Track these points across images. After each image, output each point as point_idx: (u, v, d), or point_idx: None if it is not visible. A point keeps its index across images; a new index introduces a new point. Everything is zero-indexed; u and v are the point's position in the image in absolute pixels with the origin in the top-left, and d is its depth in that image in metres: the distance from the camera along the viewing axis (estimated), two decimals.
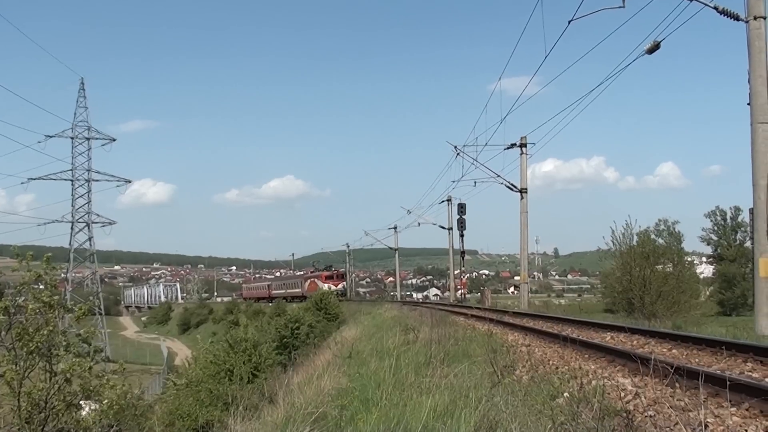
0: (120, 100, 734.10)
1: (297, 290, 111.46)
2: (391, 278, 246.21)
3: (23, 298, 17.12)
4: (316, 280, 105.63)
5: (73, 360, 17.39)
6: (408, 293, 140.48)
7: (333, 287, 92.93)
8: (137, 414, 25.46)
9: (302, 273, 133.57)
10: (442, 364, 13.66)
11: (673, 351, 14.80)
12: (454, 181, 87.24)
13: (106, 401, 18.45)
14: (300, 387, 16.13)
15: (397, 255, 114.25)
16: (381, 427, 8.85)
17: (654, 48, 21.45)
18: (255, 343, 31.92)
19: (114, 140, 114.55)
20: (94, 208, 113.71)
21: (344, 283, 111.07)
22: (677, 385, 9.70)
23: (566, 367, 13.08)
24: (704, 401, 8.37)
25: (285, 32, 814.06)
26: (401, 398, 10.50)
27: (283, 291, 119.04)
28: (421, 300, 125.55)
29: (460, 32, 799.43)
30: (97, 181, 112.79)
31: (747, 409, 8.52)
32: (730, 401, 8.78)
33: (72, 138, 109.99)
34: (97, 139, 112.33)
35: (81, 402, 18.75)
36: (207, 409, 25.76)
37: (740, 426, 7.85)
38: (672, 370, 10.15)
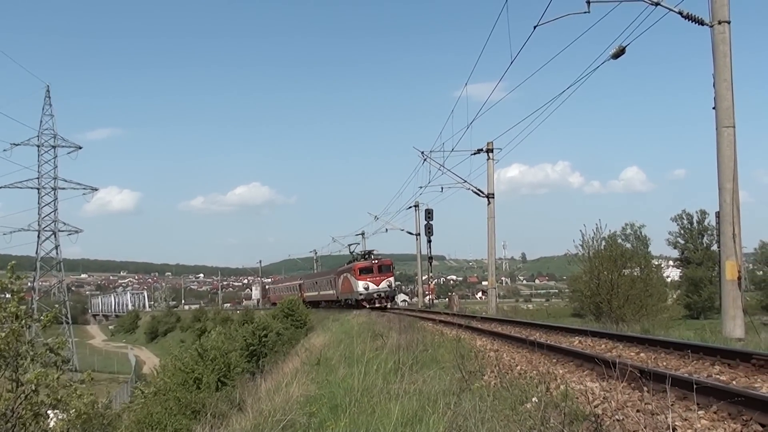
0: (86, 108, 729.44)
1: (330, 292, 78.19)
2: None
3: None
4: (348, 275, 68.51)
5: (40, 370, 17.22)
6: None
7: (372, 286, 62.77)
8: (105, 423, 25.28)
9: (343, 267, 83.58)
10: (411, 370, 13.63)
11: (641, 355, 14.85)
12: (421, 187, 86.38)
13: (73, 411, 18.28)
14: (268, 394, 16.06)
15: None
16: None
17: (619, 53, 21.56)
18: (224, 351, 31.80)
19: (80, 148, 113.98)
20: (60, 216, 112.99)
21: (391, 279, 65.52)
22: (645, 388, 9.72)
23: (534, 372, 13.08)
24: (672, 405, 8.39)
25: (251, 41, 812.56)
26: (370, 405, 10.46)
27: (316, 293, 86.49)
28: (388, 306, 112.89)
29: (426, 39, 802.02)
30: (63, 189, 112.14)
31: (715, 412, 8.55)
32: (698, 404, 8.80)
33: (38, 146, 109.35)
34: (63, 147, 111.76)
35: (48, 412, 18.57)
36: (175, 417, 25.58)
37: (708, 429, 7.87)
38: (639, 374, 10.18)
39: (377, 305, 60.38)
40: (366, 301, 61.99)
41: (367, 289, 62.37)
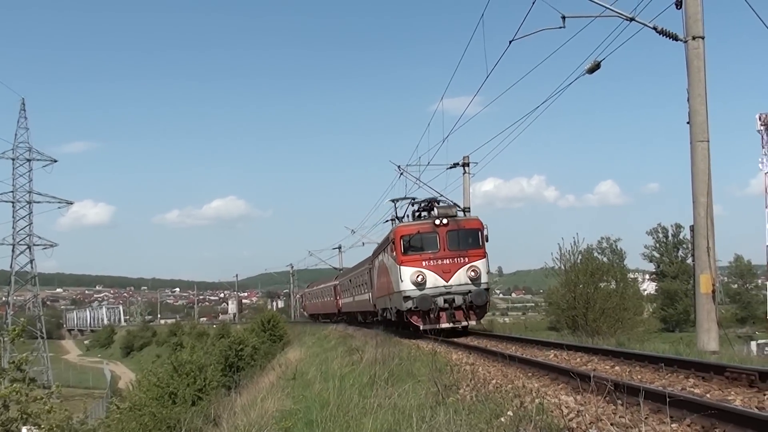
0: (61, 121, 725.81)
1: (365, 296, 48.50)
2: None
3: None
4: (385, 258, 35.50)
5: (10, 386, 17.11)
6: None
7: (434, 279, 29.91)
8: None
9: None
10: (387, 384, 13.62)
11: (616, 368, 14.88)
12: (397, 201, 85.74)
13: (44, 426, 18.17)
14: (244, 409, 16.02)
15: None
16: None
17: (594, 68, 21.64)
18: (200, 365, 31.68)
19: (55, 161, 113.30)
20: (35, 230, 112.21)
21: (480, 264, 30.31)
22: (619, 401, 9.75)
23: (510, 386, 13.09)
24: (645, 418, 8.42)
25: (227, 55, 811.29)
26: (345, 420, 10.45)
27: (351, 299, 58.67)
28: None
29: (402, 53, 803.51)
30: (38, 202, 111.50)
31: (688, 425, 8.57)
32: (672, 417, 8.83)
33: (13, 159, 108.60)
34: (38, 160, 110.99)
35: (21, 427, 18.44)
36: None
37: None
38: (614, 387, 10.21)
39: (449, 325, 29.48)
40: (421, 315, 29.45)
41: (422, 285, 29.61)
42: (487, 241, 31.04)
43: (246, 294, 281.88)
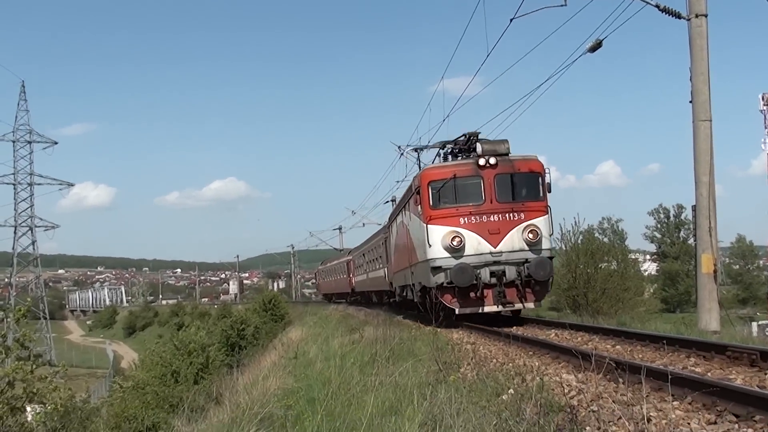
0: (61, 104, 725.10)
1: (380, 272, 42.78)
2: None
3: None
4: (406, 217, 27.64)
5: (15, 364, 17.19)
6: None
7: (477, 242, 22.32)
8: (83, 417, 25.21)
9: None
10: (388, 362, 13.66)
11: (617, 347, 14.93)
12: (398, 182, 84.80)
13: (49, 404, 18.25)
14: (246, 388, 16.07)
15: None
16: (326, 426, 8.81)
17: (596, 46, 21.48)
18: (202, 344, 31.76)
19: (56, 143, 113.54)
20: (36, 211, 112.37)
21: (540, 222, 22.60)
22: (620, 380, 9.76)
23: (511, 364, 13.13)
24: (647, 396, 8.43)
25: (227, 36, 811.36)
26: (347, 397, 10.47)
27: (365, 276, 52.24)
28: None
29: (402, 33, 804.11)
30: (39, 184, 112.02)
31: (690, 403, 8.60)
32: (673, 395, 8.85)
33: (13, 141, 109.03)
34: (38, 142, 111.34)
35: (25, 406, 18.53)
36: (153, 411, 25.52)
37: (683, 419, 7.92)
38: (615, 366, 10.23)
39: (497, 308, 22.76)
40: (458, 293, 22.39)
41: (458, 251, 22.49)
42: (549, 191, 23.31)
43: (247, 275, 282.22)
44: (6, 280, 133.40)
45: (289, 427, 9.64)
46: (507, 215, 22.37)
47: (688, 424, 7.69)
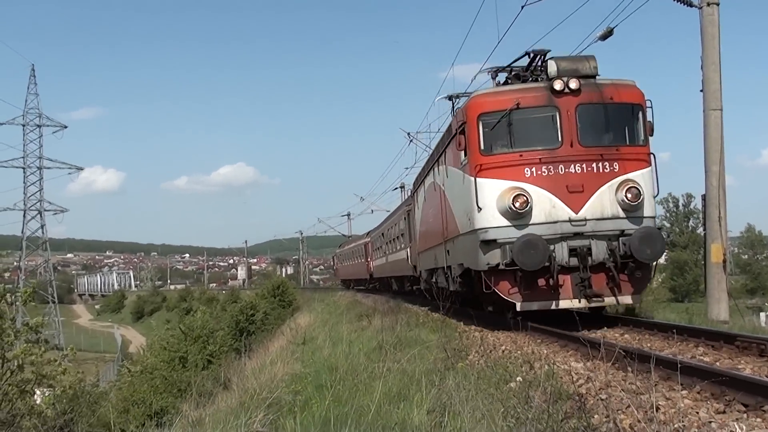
0: (71, 88, 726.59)
1: (401, 254, 37.03)
2: None
3: None
4: (437, 173, 21.62)
5: (24, 346, 17.29)
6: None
7: (550, 204, 15.59)
8: (92, 401, 25.32)
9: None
10: (395, 349, 13.66)
11: (626, 336, 14.86)
12: (407, 168, 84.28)
13: (58, 388, 18.33)
14: (254, 373, 16.07)
15: None
16: (334, 411, 8.82)
17: (607, 34, 21.36)
18: (210, 330, 31.87)
19: (65, 127, 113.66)
20: (45, 195, 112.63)
21: (640, 176, 15.86)
22: (629, 369, 9.72)
23: (519, 352, 13.11)
24: (656, 384, 8.41)
25: (237, 16, 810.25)
26: (354, 383, 10.49)
27: (383, 259, 47.04)
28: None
29: (413, 19, 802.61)
30: (48, 168, 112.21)
31: (698, 392, 8.58)
32: (682, 384, 8.84)
33: (23, 125, 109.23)
34: (48, 126, 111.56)
35: (35, 389, 18.63)
36: (161, 395, 25.68)
37: (691, 408, 7.91)
38: (624, 354, 10.19)
39: (578, 304, 15.95)
40: (519, 280, 15.61)
41: (522, 216, 15.53)
42: (651, 134, 16.43)
43: (255, 260, 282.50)
44: (15, 263, 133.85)
45: (297, 412, 9.65)
46: (594, 166, 15.69)
47: (697, 413, 7.68)
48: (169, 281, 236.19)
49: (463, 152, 16.89)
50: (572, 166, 15.53)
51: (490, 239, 15.72)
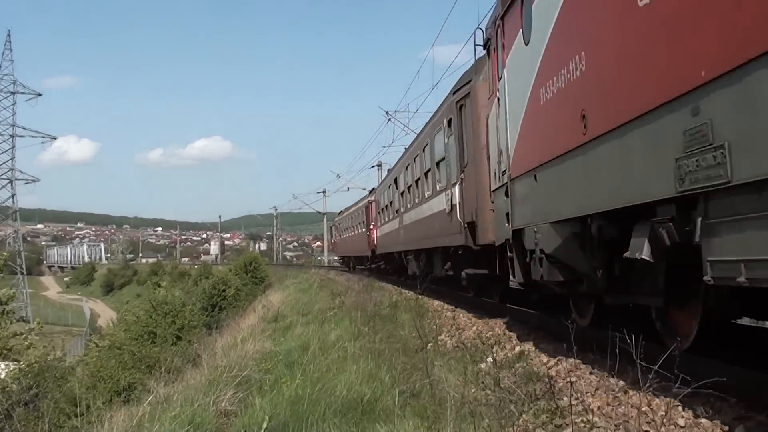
0: (47, 55, 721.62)
1: (434, 203, 21.50)
2: (319, 243, 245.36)
3: None
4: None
5: None
6: (336, 258, 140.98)
7: None
8: (58, 376, 25.19)
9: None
10: (368, 328, 13.67)
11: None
12: (384, 147, 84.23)
13: (23, 362, 18.24)
14: (224, 350, 16.04)
15: (325, 219, 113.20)
16: (305, 391, 8.81)
17: None
18: (181, 304, 31.78)
19: (40, 95, 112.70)
20: (17, 164, 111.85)
21: None
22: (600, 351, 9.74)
23: (490, 333, 13.16)
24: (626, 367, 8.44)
25: None
26: (326, 363, 10.48)
27: (396, 223, 30.50)
28: (340, 263, 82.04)
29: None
30: (21, 136, 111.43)
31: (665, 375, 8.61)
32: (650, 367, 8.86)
33: None
34: (22, 93, 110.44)
35: None
36: (129, 371, 25.53)
37: (660, 391, 7.95)
38: (594, 337, 10.23)
39: None
40: None
41: None
42: None
43: (229, 235, 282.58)
44: None
45: (267, 391, 9.64)
46: None
47: (664, 395, 7.72)
48: (140, 254, 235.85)
49: None
50: None
51: None
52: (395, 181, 30.37)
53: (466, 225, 17.04)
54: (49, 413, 17.57)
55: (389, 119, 50.01)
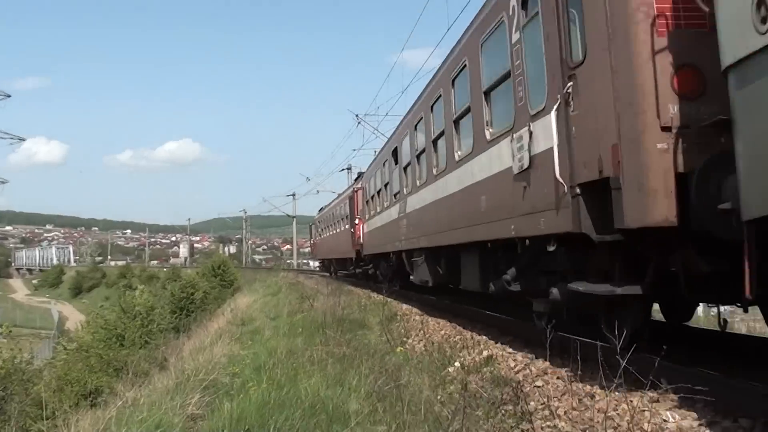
0: (15, 56, 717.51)
1: (443, 181, 15.31)
2: (288, 246, 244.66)
3: None
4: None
5: None
6: (305, 261, 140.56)
7: None
8: (25, 379, 24.98)
9: None
10: (336, 332, 13.64)
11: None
12: (354, 150, 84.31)
13: None
14: (192, 354, 15.98)
15: (294, 223, 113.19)
16: (272, 395, 8.77)
17: None
18: (149, 307, 31.63)
19: (9, 96, 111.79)
20: None
21: None
22: (566, 355, 9.78)
23: (458, 337, 13.16)
24: (592, 372, 8.47)
25: None
26: (293, 367, 10.44)
27: (392, 213, 22.67)
28: (318, 268, 74.36)
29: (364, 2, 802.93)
30: None
31: (634, 381, 8.65)
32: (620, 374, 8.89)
33: None
34: None
35: None
36: (97, 374, 25.37)
37: (626, 396, 7.98)
38: (561, 341, 10.26)
39: None
40: None
41: None
42: None
43: (198, 238, 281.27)
44: None
45: (234, 395, 9.59)
46: None
47: (631, 400, 7.75)
48: (109, 257, 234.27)
49: None
50: None
51: None
52: (394, 153, 22.79)
53: (578, 190, 8.38)
54: (15, 417, 17.44)
55: (359, 122, 49.77)
